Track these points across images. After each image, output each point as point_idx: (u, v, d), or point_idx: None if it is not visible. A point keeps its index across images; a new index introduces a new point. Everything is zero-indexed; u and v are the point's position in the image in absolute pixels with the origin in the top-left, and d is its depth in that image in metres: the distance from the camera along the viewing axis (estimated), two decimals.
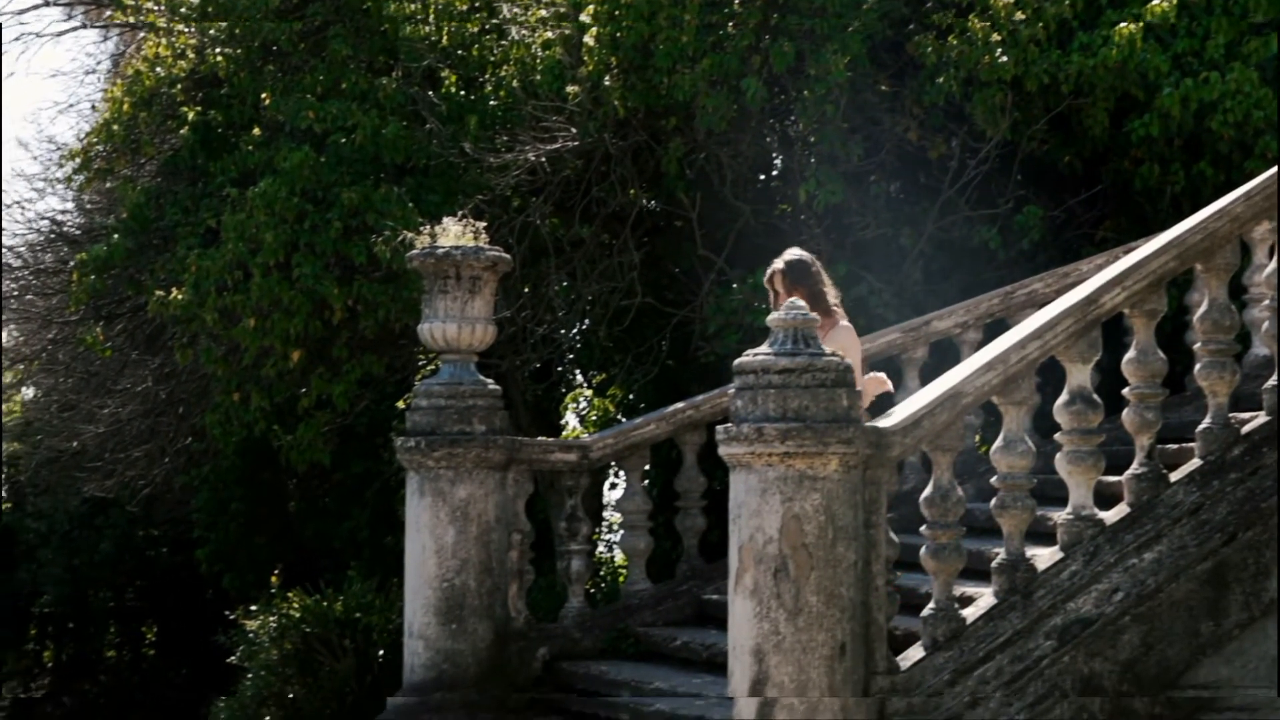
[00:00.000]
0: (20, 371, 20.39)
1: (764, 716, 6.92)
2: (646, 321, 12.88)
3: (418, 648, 9.97)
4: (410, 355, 13.77)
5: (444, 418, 10.03)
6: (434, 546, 9.94)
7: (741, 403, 7.17)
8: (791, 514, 6.98)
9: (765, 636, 6.97)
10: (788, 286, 8.18)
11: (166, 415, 16.10)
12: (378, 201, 11.74)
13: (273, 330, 11.67)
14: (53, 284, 16.08)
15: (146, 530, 22.78)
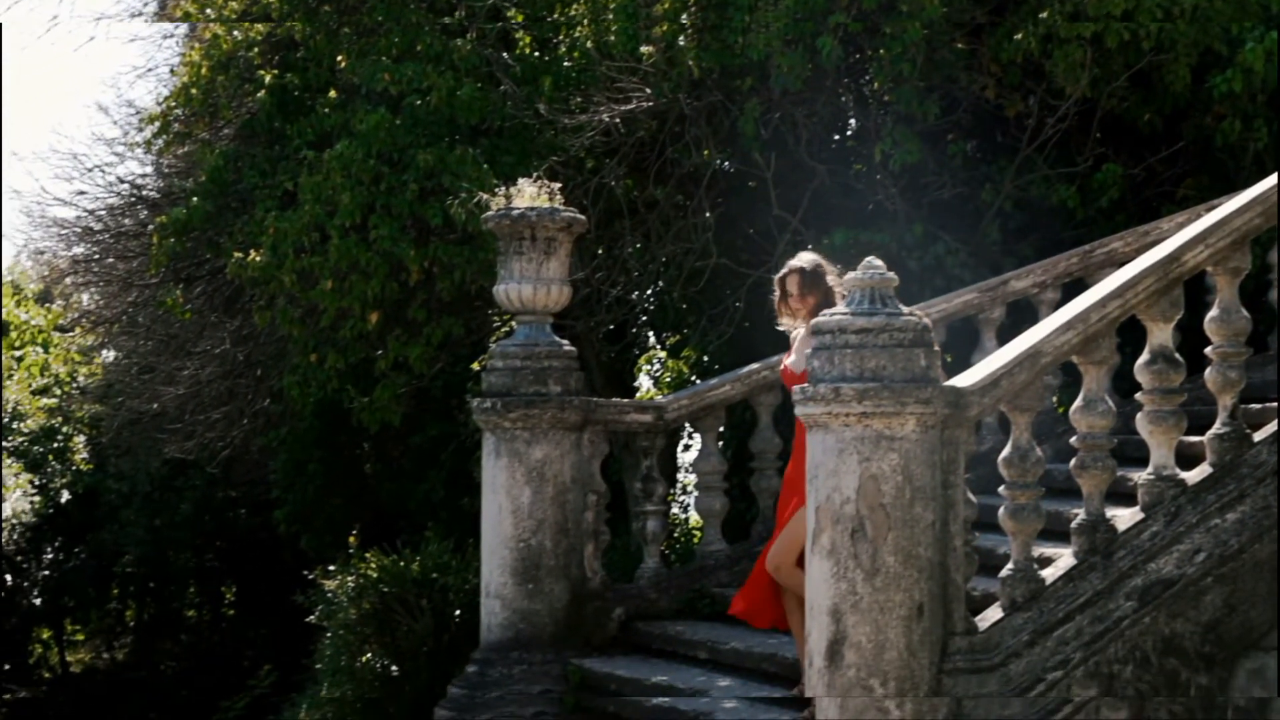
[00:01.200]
0: (101, 334, 20.66)
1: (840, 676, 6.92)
2: (721, 282, 12.85)
3: (495, 607, 10.04)
4: (485, 317, 13.83)
5: (520, 379, 10.07)
6: (510, 507, 9.99)
7: (818, 363, 7.14)
8: (869, 474, 6.96)
9: (842, 596, 6.95)
10: (801, 290, 8.05)
11: (245, 377, 16.27)
12: (453, 163, 11.76)
13: (350, 292, 11.74)
14: (133, 247, 16.25)
15: (225, 492, 23.07)
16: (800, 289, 8.03)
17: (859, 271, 7.23)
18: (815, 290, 8.00)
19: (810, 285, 8.01)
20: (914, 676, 6.91)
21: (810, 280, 8.02)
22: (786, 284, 8.08)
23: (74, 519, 24.86)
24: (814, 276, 8.03)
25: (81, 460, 25.24)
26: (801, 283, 8.03)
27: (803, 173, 12.56)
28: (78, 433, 25.28)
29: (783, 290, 8.12)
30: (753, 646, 8.98)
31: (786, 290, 8.08)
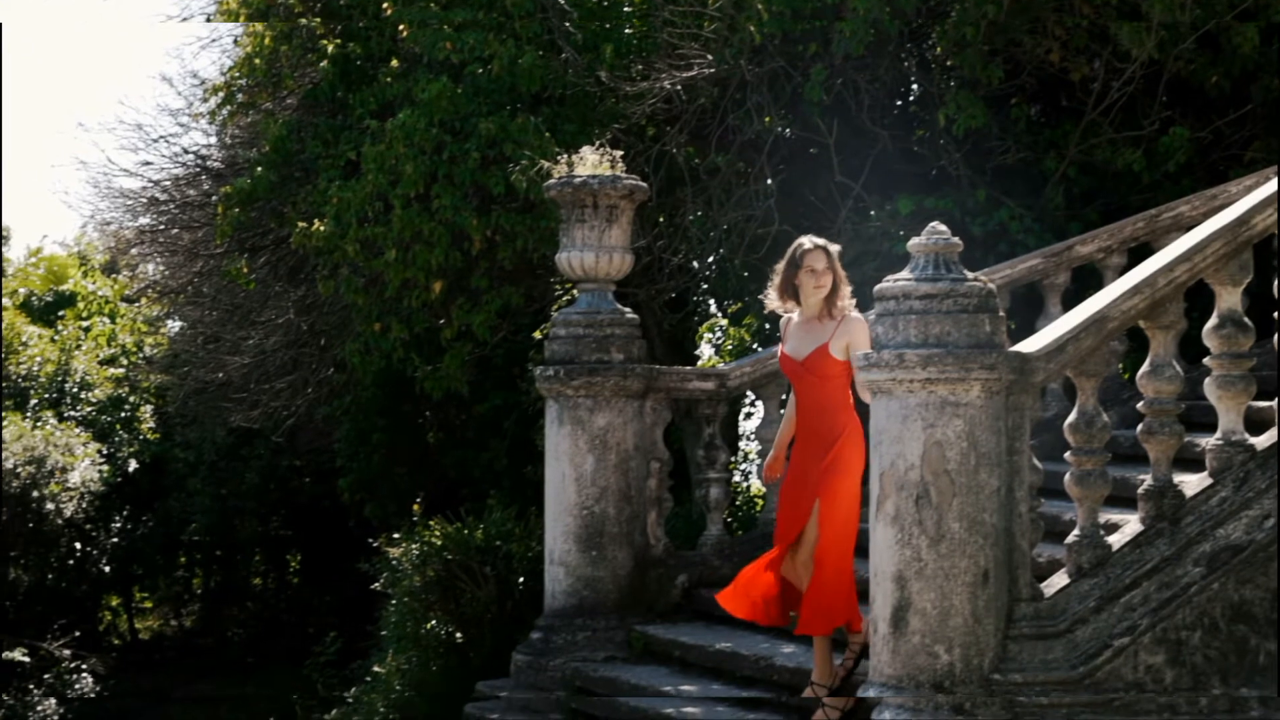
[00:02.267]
0: (167, 304, 20.86)
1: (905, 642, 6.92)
2: (782, 249, 12.75)
3: (558, 574, 10.09)
4: (547, 285, 13.85)
5: (582, 347, 10.10)
6: (573, 474, 10.03)
7: (882, 329, 7.12)
8: (933, 440, 6.94)
9: (907, 563, 6.95)
10: (828, 266, 7.82)
11: (308, 347, 16.38)
12: (515, 132, 11.77)
13: (414, 261, 11.78)
14: (198, 218, 16.38)
15: (290, 461, 23.26)
16: (827, 265, 7.81)
17: (923, 237, 7.20)
18: (834, 269, 7.82)
19: (832, 264, 7.83)
20: (979, 643, 6.90)
21: (832, 259, 7.84)
22: (813, 260, 7.80)
23: (142, 488, 25.14)
24: (835, 257, 7.86)
25: (148, 430, 25.50)
26: (828, 259, 7.82)
27: (865, 139, 12.49)
28: (145, 402, 25.55)
29: (806, 268, 7.81)
30: None
31: (812, 268, 7.79)
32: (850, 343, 7.64)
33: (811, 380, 7.78)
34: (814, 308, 7.84)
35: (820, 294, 7.79)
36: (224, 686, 20.10)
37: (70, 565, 23.32)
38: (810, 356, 7.76)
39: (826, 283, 7.78)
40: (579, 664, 9.67)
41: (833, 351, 7.70)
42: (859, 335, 7.66)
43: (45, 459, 21.65)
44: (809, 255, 7.83)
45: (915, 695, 6.86)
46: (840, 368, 7.71)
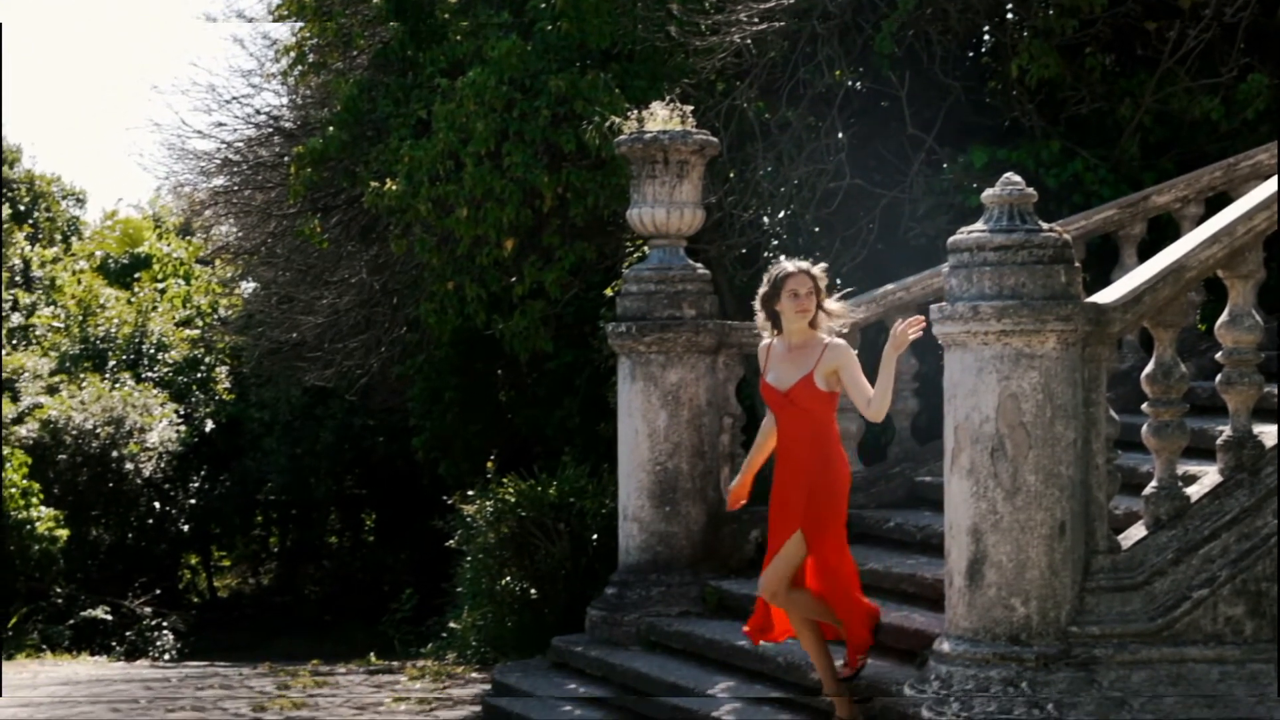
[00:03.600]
0: (241, 265, 21.04)
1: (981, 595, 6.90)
2: (854, 204, 12.73)
3: (632, 530, 10.13)
4: (618, 242, 13.85)
5: (654, 303, 10.11)
6: (646, 431, 10.06)
7: (956, 281, 7.08)
8: (1008, 393, 6.90)
9: (982, 516, 6.92)
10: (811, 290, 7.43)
11: (381, 306, 16.47)
12: (585, 89, 11.75)
13: (485, 219, 11.81)
14: (271, 178, 16.48)
15: (364, 420, 23.42)
16: (812, 289, 7.43)
17: (997, 188, 7.14)
18: (818, 295, 7.45)
19: (818, 288, 7.46)
20: (1056, 595, 6.87)
21: (816, 284, 7.45)
22: (798, 284, 7.40)
23: (218, 448, 25.42)
24: (818, 281, 7.47)
25: (224, 390, 25.77)
26: (815, 285, 7.44)
27: (937, 91, 12.38)
28: (220, 363, 25.82)
29: (789, 291, 7.41)
30: (891, 567, 8.97)
31: (795, 292, 7.40)
32: (839, 367, 7.33)
33: (794, 412, 7.45)
34: (797, 334, 7.47)
35: (803, 319, 7.42)
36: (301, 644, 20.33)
37: (150, 524, 23.63)
38: (794, 388, 7.41)
39: (809, 307, 7.41)
40: (653, 619, 9.72)
41: (817, 382, 7.37)
42: (846, 362, 7.35)
43: (124, 419, 21.94)
44: (791, 279, 7.42)
45: (991, 648, 6.84)
46: (824, 399, 7.40)
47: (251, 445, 25.42)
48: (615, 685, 9.26)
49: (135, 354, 25.17)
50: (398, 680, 11.55)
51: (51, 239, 31.39)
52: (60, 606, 19.03)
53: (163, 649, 20.27)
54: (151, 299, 27.11)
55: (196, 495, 25.11)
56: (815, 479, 7.44)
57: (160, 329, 25.78)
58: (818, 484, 7.44)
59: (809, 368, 7.37)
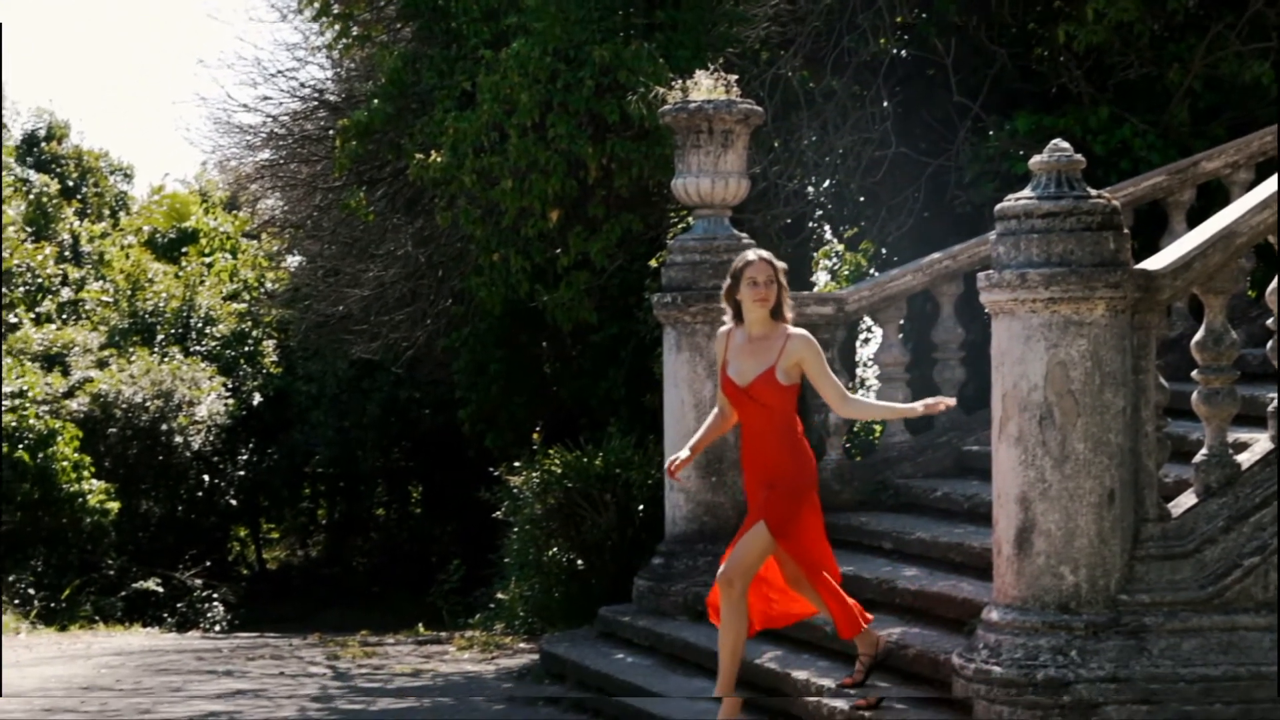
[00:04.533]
0: (287, 239, 21.12)
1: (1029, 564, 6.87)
2: (900, 172, 12.67)
3: (679, 500, 10.14)
4: (663, 213, 13.82)
5: (699, 273, 10.10)
6: (692, 401, 10.06)
7: (1003, 249, 7.04)
8: (1056, 360, 6.86)
9: (1031, 484, 6.89)
10: (772, 278, 7.15)
11: (426, 278, 16.51)
12: (628, 59, 11.72)
13: (530, 191, 11.80)
14: (316, 151, 16.52)
15: (410, 393, 23.51)
16: (773, 277, 7.15)
17: (1045, 154, 7.09)
18: (781, 282, 7.17)
19: (780, 279, 7.18)
20: (1105, 563, 6.83)
21: (776, 273, 7.17)
22: (757, 272, 7.14)
23: (266, 421, 25.57)
24: (779, 271, 7.19)
25: (271, 363, 25.92)
26: (776, 274, 7.16)
27: (983, 57, 12.29)
28: (267, 336, 25.96)
29: (749, 280, 7.15)
30: (938, 536, 8.96)
31: (754, 280, 7.14)
32: (801, 360, 7.09)
33: (755, 408, 7.18)
34: (757, 324, 7.19)
35: (763, 309, 7.14)
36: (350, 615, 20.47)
37: (199, 497, 23.83)
38: (755, 383, 7.14)
39: (770, 296, 7.14)
40: (700, 589, 9.72)
41: (779, 377, 7.11)
42: (810, 355, 7.12)
43: (173, 393, 22.11)
44: (751, 268, 7.16)
45: (1040, 616, 6.82)
46: (786, 393, 7.14)
47: (299, 418, 25.56)
48: (663, 654, 9.29)
49: (183, 328, 25.34)
50: (446, 650, 11.63)
51: (100, 214, 31.61)
52: (112, 578, 19.22)
53: (213, 620, 20.46)
54: (199, 273, 27.27)
55: (245, 468, 25.28)
56: (778, 474, 7.20)
57: (208, 303, 25.93)
58: (781, 479, 7.20)
59: (770, 362, 7.12)
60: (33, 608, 16.20)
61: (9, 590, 16.19)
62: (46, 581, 17.19)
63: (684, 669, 8.95)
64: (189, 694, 9.64)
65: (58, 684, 10.05)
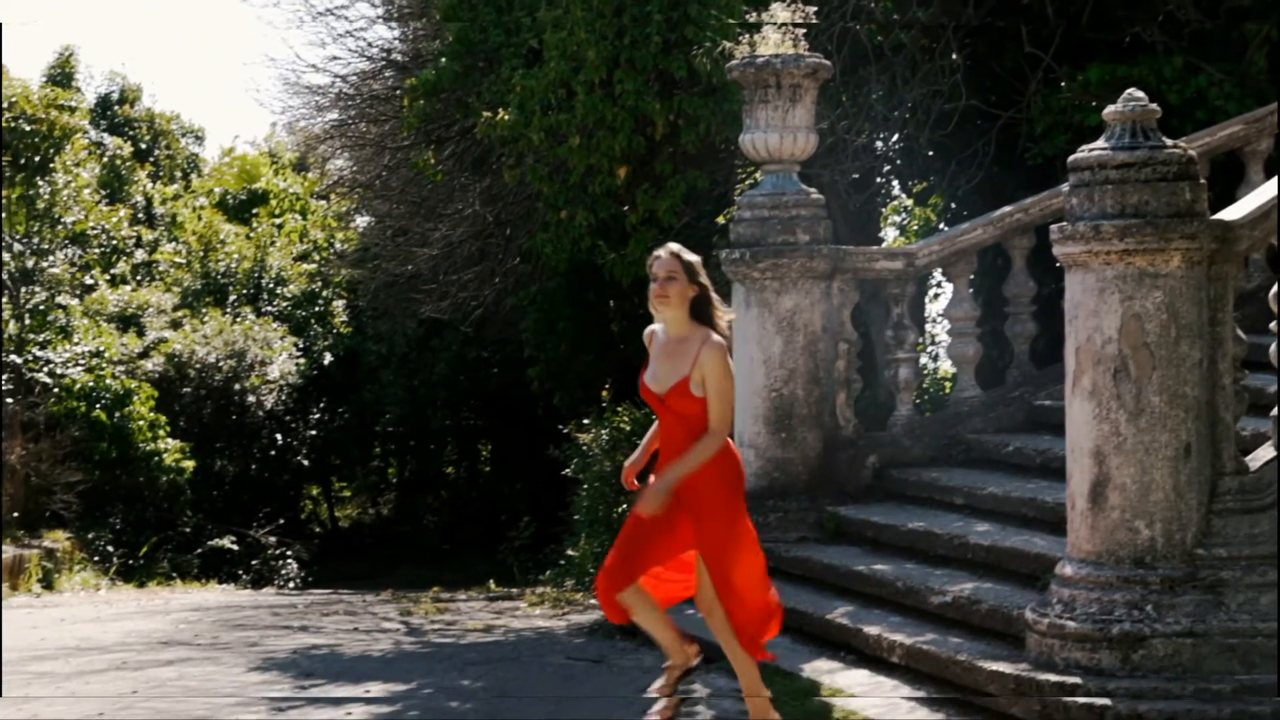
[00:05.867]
0: (356, 199, 21.22)
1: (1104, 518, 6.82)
2: (969, 126, 12.55)
3: (748, 457, 10.12)
4: (731, 169, 13.77)
5: (767, 229, 10.06)
6: (761, 357, 10.04)
7: (1077, 201, 6.95)
8: (1131, 313, 6.78)
9: (1105, 438, 6.83)
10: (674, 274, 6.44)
11: (494, 237, 16.55)
12: (695, 14, 11.66)
13: (597, 148, 11.80)
14: (385, 111, 16.58)
15: (478, 351, 23.61)
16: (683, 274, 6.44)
17: (1119, 104, 6.99)
18: (697, 280, 6.46)
19: (694, 275, 6.46)
20: (1181, 518, 6.77)
21: (686, 270, 6.45)
22: (655, 267, 6.50)
23: (336, 380, 25.76)
24: (691, 267, 6.47)
25: (341, 323, 26.10)
26: (684, 269, 6.45)
27: (1055, 7, 12.12)
28: (337, 296, 26.13)
29: (653, 277, 6.53)
30: (1011, 491, 8.91)
31: (654, 275, 6.50)
32: (705, 375, 6.33)
33: (672, 418, 6.45)
34: (673, 325, 6.48)
35: (665, 310, 6.44)
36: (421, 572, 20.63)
37: (272, 456, 24.07)
38: (670, 393, 6.40)
39: (669, 294, 6.41)
40: (771, 545, 9.69)
41: (692, 388, 6.35)
42: (712, 366, 6.32)
43: (245, 353, 22.31)
44: (655, 264, 6.52)
45: (1115, 571, 6.77)
46: (701, 405, 6.37)
47: (369, 378, 25.74)
48: None
49: (255, 288, 25.55)
50: (517, 607, 11.70)
51: (172, 176, 31.88)
52: (188, 536, 19.48)
53: (287, 577, 20.70)
54: (269, 234, 27.47)
55: (316, 427, 25.49)
56: (702, 492, 6.41)
57: (278, 264, 26.13)
58: (706, 499, 6.43)
59: (684, 371, 6.38)
60: (112, 564, 16.45)
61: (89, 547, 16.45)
62: (125, 539, 17.45)
63: None
64: (266, 649, 9.77)
65: (137, 638, 10.21)
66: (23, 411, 16.69)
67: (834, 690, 7.48)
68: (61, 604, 12.74)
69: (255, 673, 8.80)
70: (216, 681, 8.50)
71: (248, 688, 8.29)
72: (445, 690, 8.10)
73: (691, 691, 7.86)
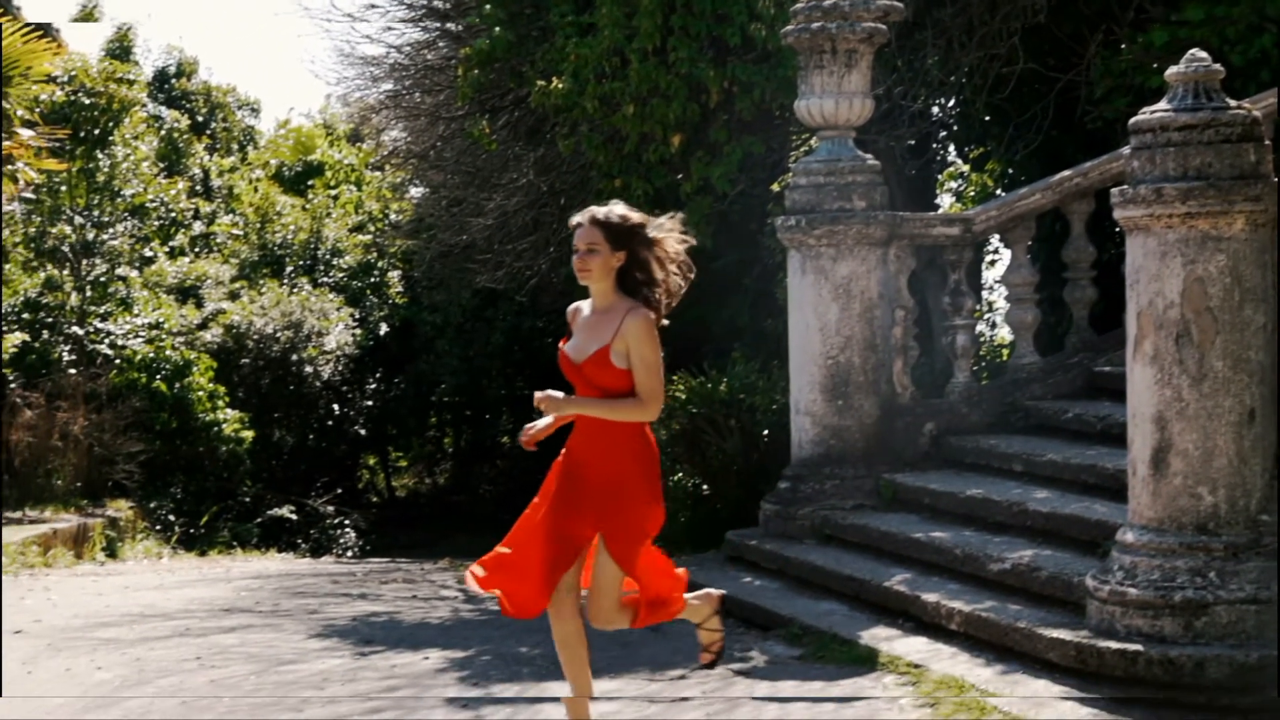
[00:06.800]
0: (410, 170, 21.27)
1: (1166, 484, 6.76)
2: (1027, 89, 12.43)
3: (804, 424, 10.11)
4: (786, 136, 13.71)
5: (823, 195, 10.01)
6: (817, 324, 10.01)
7: (1138, 163, 6.88)
8: (1194, 277, 6.71)
9: (1167, 404, 6.77)
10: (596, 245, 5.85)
11: (549, 207, 16.54)
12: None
13: (652, 116, 11.76)
14: (439, 81, 16.59)
15: (532, 321, 23.63)
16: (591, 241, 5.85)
17: (1181, 65, 6.91)
18: (626, 245, 5.87)
19: (619, 240, 5.87)
20: (1245, 484, 6.70)
21: (607, 235, 5.86)
22: (576, 237, 5.92)
23: (392, 351, 25.86)
24: (617, 232, 5.87)
25: (397, 294, 26.18)
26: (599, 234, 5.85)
27: None
28: (392, 267, 26.22)
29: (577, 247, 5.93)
30: (1070, 458, 8.86)
31: (575, 246, 5.92)
32: (629, 345, 5.81)
33: (587, 392, 5.91)
34: (598, 296, 5.93)
35: (586, 279, 5.90)
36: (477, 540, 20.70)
37: (329, 426, 24.19)
38: (587, 362, 5.87)
39: (592, 268, 5.85)
40: (828, 512, 9.73)
41: (613, 358, 5.83)
42: (635, 334, 5.79)
43: (302, 324, 22.42)
44: (576, 232, 5.94)
45: (1178, 538, 6.71)
46: (623, 378, 5.83)
47: (424, 348, 25.82)
48: (790, 578, 9.30)
49: (311, 259, 25.67)
50: None
51: (229, 149, 32.05)
52: (248, 505, 19.63)
53: (345, 546, 20.84)
54: (325, 205, 27.56)
55: (373, 397, 25.61)
56: (616, 475, 5.92)
57: (334, 235, 26.23)
58: (620, 484, 5.92)
59: (607, 339, 5.85)
60: (173, 533, 16.60)
61: (151, 516, 16.62)
62: (186, 508, 17.60)
63: (810, 591, 8.96)
64: (326, 616, 9.85)
65: (200, 605, 10.31)
66: (85, 383, 16.85)
67: (891, 657, 7.46)
68: (125, 572, 12.89)
69: (316, 639, 8.87)
70: (278, 648, 8.58)
71: (309, 654, 8.36)
72: (503, 656, 8.15)
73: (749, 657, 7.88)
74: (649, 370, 5.81)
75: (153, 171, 20.14)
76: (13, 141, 11.99)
